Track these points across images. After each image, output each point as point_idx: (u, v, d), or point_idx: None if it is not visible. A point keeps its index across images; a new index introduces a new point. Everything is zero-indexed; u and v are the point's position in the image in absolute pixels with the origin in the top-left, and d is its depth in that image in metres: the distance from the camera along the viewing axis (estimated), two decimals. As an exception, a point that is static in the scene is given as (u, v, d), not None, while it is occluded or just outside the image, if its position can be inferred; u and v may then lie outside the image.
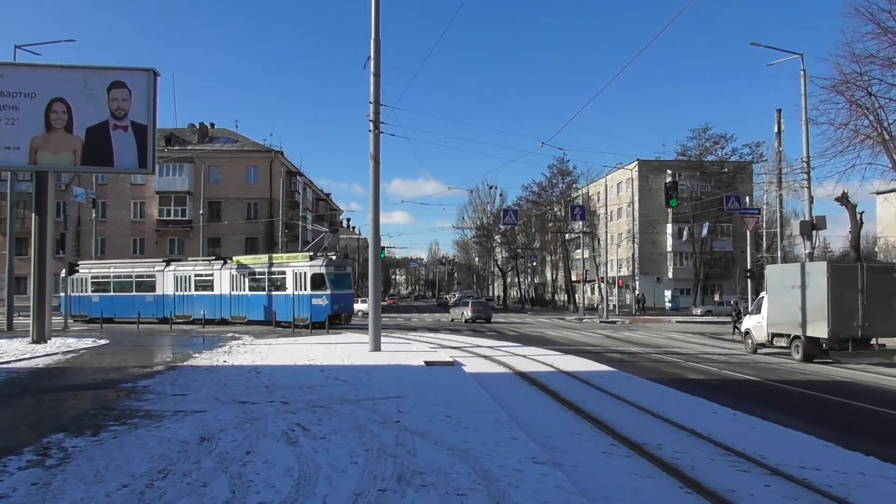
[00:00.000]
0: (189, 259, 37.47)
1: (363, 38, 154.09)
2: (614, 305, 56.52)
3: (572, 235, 65.18)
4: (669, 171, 58.07)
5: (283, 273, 31.63)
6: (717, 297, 56.15)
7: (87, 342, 21.53)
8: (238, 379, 12.74)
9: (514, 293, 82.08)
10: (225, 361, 15.86)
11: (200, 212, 49.63)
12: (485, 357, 17.98)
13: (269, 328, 30.18)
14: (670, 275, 63.07)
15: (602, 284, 53.65)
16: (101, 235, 50.58)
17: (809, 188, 28.90)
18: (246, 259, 34.58)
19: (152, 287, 35.99)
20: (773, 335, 21.05)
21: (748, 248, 34.97)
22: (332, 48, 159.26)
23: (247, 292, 33.02)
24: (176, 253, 54.58)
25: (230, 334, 25.69)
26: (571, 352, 20.09)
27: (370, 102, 18.66)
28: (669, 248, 63.53)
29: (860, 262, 28.41)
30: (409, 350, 18.90)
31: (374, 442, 7.52)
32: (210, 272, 34.66)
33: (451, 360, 16.32)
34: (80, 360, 16.68)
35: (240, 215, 55.04)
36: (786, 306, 20.23)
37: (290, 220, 54.40)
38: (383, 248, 43.82)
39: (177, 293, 35.15)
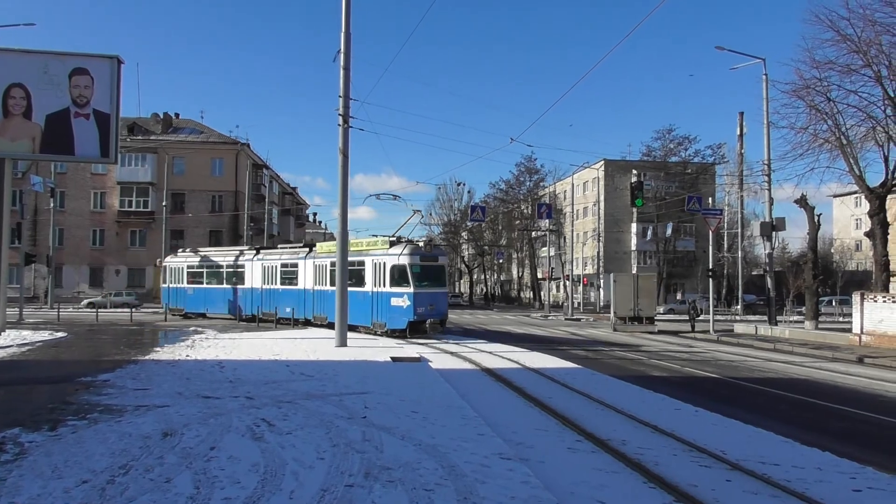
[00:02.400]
0: (278, 246, 32.37)
1: (333, 30, 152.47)
2: (579, 303, 57.11)
3: (539, 233, 65.62)
4: (635, 171, 58.79)
5: (362, 263, 24.53)
6: (679, 296, 57.08)
7: (44, 335, 21.01)
8: (202, 374, 12.55)
9: (480, 290, 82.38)
10: (188, 356, 15.61)
11: (164, 203, 48.70)
12: (451, 353, 18.01)
13: (243, 323, 29.74)
14: (635, 272, 63.94)
15: (567, 282, 54.16)
16: (59, 226, 49.31)
17: (770, 190, 29.62)
18: (329, 245, 27.18)
19: (241, 279, 31.11)
20: (615, 314, 30.75)
21: (710, 247, 35.56)
22: (301, 41, 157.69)
23: (328, 287, 25.82)
24: (137, 246, 53.52)
25: (192, 328, 25.30)
26: (537, 349, 20.23)
27: (340, 97, 18.53)
28: (634, 247, 64.40)
29: (815, 261, 29.20)
30: (375, 346, 18.83)
31: (340, 437, 7.49)
32: (295, 262, 28.66)
33: (417, 356, 16.31)
34: (36, 354, 16.26)
35: (204, 207, 54.16)
36: (624, 298, 30.54)
37: (255, 213, 53.66)
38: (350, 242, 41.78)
39: (263, 287, 29.74)
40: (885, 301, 22.70)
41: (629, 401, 11.17)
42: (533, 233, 66.85)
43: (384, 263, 23.34)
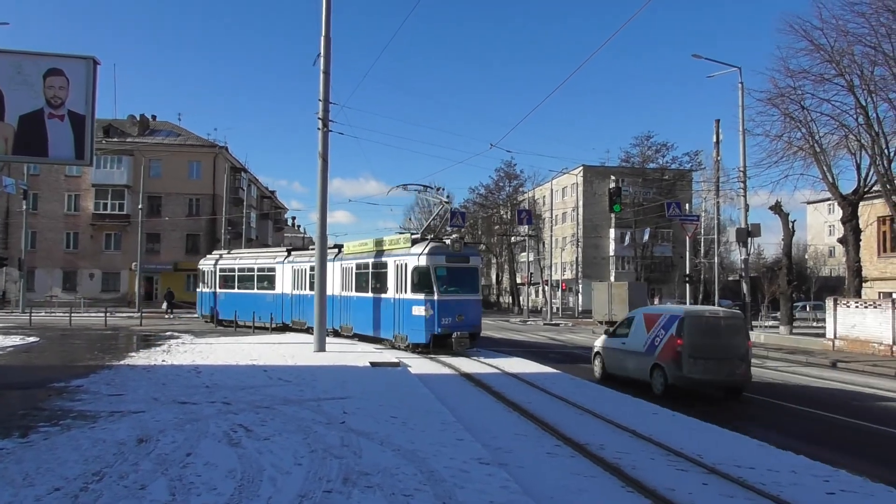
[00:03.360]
0: (310, 248, 28.37)
1: (313, 34, 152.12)
2: (558, 308, 57.36)
3: (518, 238, 65.82)
4: (613, 177, 59.38)
5: (385, 265, 20.74)
6: (656, 301, 57.55)
7: (15, 340, 20.63)
8: (178, 379, 12.40)
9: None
10: (164, 361, 15.42)
11: (139, 206, 47.99)
12: (430, 358, 17.98)
13: (227, 328, 29.40)
14: (612, 278, 64.21)
15: (546, 287, 54.39)
16: (31, 228, 48.42)
17: (745, 196, 30.00)
18: (354, 246, 23.88)
19: (273, 283, 27.82)
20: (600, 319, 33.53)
21: (687, 253, 36.04)
22: (280, 43, 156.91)
23: (353, 293, 22.76)
24: (112, 249, 52.71)
25: (168, 333, 24.99)
26: (516, 353, 20.27)
27: (320, 100, 18.47)
28: (612, 253, 64.85)
29: (790, 267, 29.64)
30: (354, 351, 18.74)
31: (319, 443, 7.44)
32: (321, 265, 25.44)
33: (396, 360, 16.26)
34: (7, 359, 15.96)
35: (181, 211, 53.56)
36: (600, 304, 34.65)
37: (234, 217, 53.20)
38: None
39: (294, 292, 26.27)
40: (857, 306, 23.09)
41: (607, 406, 11.23)
42: (512, 238, 67.04)
43: (405, 265, 19.41)
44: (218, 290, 30.77)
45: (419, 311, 18.71)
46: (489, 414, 10.53)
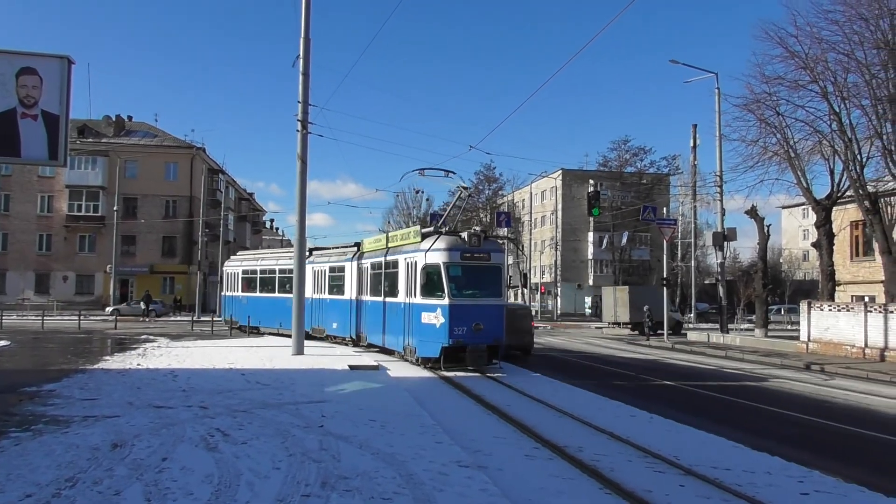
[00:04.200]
0: (330, 247, 26.08)
1: (292, 36, 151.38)
2: (537, 311, 57.60)
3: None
4: (592, 181, 60.00)
5: (396, 265, 18.04)
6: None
7: (-14, 343, 20.23)
8: (153, 383, 12.25)
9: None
10: (139, 365, 15.22)
11: (115, 208, 47.43)
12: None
13: (213, 333, 29.05)
14: (591, 282, 64.74)
15: (525, 290, 54.59)
16: (3, 230, 47.68)
17: (722, 201, 30.39)
18: (370, 243, 21.14)
19: (287, 287, 24.90)
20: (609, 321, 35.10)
21: (664, 256, 36.42)
22: (259, 44, 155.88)
23: (368, 297, 20.09)
24: (86, 251, 51.91)
25: (144, 336, 24.68)
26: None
27: (299, 102, 18.38)
28: (590, 256, 65.25)
29: (765, 271, 30.10)
30: (332, 354, 18.65)
31: (297, 447, 7.39)
32: (342, 265, 22.33)
33: (375, 364, 16.21)
34: (-23, 363, 15.64)
35: (157, 213, 52.94)
36: (608, 307, 35.74)
37: (211, 219, 52.69)
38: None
39: (314, 296, 23.48)
40: (830, 310, 23.46)
41: (586, 408, 11.29)
42: (492, 241, 67.17)
43: (415, 263, 16.67)
44: (240, 293, 28.74)
45: (429, 318, 16.00)
46: (468, 416, 10.53)
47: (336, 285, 22.51)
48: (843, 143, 24.39)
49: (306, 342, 19.16)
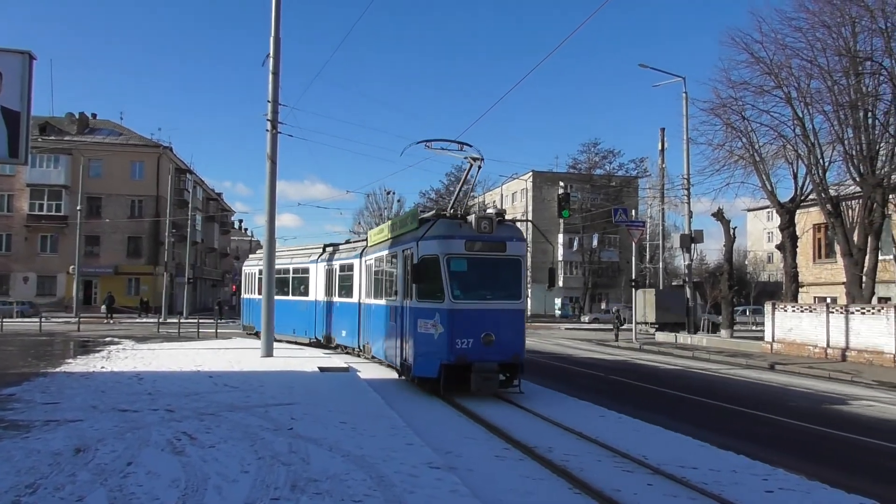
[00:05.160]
0: (344, 243, 23.08)
1: (261, 35, 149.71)
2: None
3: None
4: (562, 183, 60.42)
5: (394, 258, 14.87)
6: (603, 305, 58.60)
7: (-57, 346, 19.66)
8: (118, 386, 12.00)
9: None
10: (103, 367, 14.90)
11: (78, 207, 46.35)
12: (379, 362, 17.89)
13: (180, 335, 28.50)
14: (561, 283, 65.19)
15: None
16: (-39, 230, 46.33)
17: (689, 203, 30.85)
18: (375, 235, 18.32)
19: (307, 288, 22.70)
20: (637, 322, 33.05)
21: (633, 258, 36.80)
22: (228, 42, 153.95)
23: (370, 299, 17.09)
24: (48, 252, 50.71)
25: (108, 339, 24.19)
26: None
27: (268, 101, 18.17)
28: (560, 258, 65.74)
29: (731, 272, 30.64)
30: (302, 356, 18.48)
31: (266, 450, 7.30)
32: (350, 262, 19.29)
33: (345, 365, 16.09)
34: (-67, 366, 15.17)
35: (123, 212, 51.96)
36: (638, 309, 34.03)
37: (178, 219, 51.86)
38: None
39: (326, 299, 21.05)
40: (794, 311, 23.96)
41: (555, 408, 11.37)
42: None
43: (411, 255, 13.22)
44: (256, 296, 25.41)
45: (426, 326, 12.56)
46: (438, 418, 10.53)
47: (345, 286, 19.56)
48: (806, 148, 24.96)
49: (312, 351, 18.75)
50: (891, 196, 23.95)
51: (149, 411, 9.45)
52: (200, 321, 28.05)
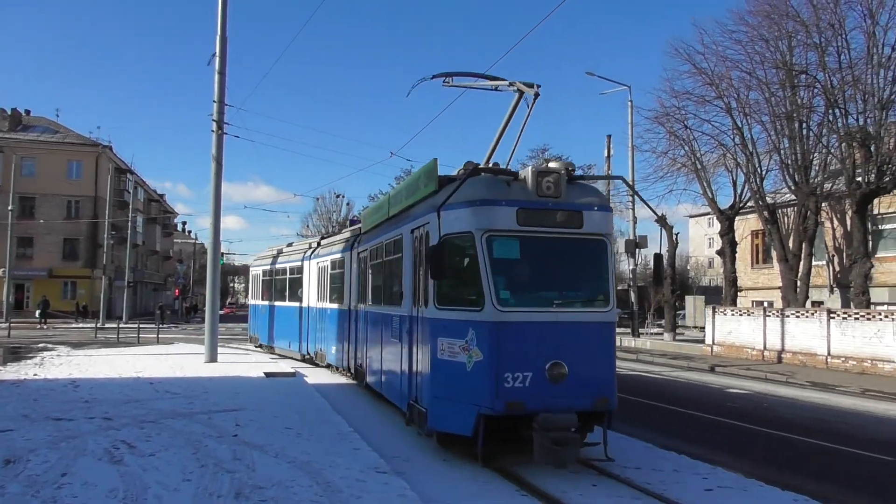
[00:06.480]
0: (336, 234, 20.24)
1: (207, 30, 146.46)
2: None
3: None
4: (511, 188, 60.91)
5: (398, 245, 10.13)
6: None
7: None
8: (52, 394, 11.53)
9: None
10: (35, 375, 14.31)
11: (10, 207, 44.41)
12: (327, 367, 17.69)
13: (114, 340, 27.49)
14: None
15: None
16: None
17: (634, 209, 31.54)
18: (370, 215, 13.85)
19: (298, 292, 18.85)
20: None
21: (580, 263, 37.36)
22: (170, 40, 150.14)
23: (366, 306, 12.61)
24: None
25: (42, 345, 23.25)
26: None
27: (214, 101, 17.82)
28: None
29: (673, 277, 31.41)
30: (248, 361, 18.14)
31: (209, 457, 7.12)
32: (341, 257, 15.24)
33: (292, 371, 15.87)
34: None
35: (58, 214, 49.98)
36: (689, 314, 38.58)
37: (118, 221, 50.23)
38: (222, 254, 38.10)
39: (318, 304, 17.13)
40: (733, 314, 24.74)
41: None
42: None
43: (425, 235, 8.72)
44: (260, 301, 22.90)
45: (451, 349, 7.85)
46: (387, 422, 10.46)
47: (336, 287, 15.59)
48: (744, 157, 25.85)
49: (259, 356, 18.07)
50: (823, 204, 25.03)
51: (85, 420, 9.11)
52: (141, 326, 27.15)
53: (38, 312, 39.49)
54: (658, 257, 9.62)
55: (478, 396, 7.41)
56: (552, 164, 8.45)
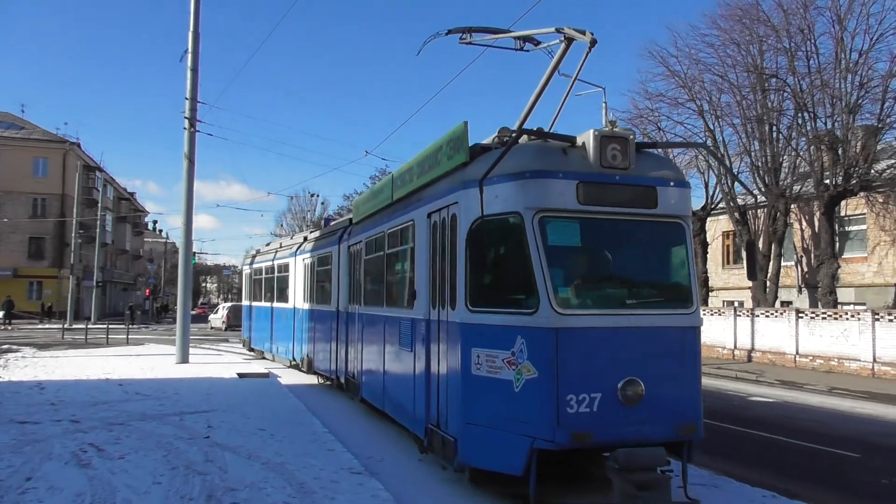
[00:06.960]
0: (324, 226, 18.91)
1: (178, 29, 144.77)
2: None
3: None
4: (485, 189, 61.04)
5: (406, 234, 8.42)
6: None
7: None
8: (16, 396, 11.27)
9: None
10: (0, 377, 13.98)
11: (-26, 206, 43.46)
12: (315, 376, 17.55)
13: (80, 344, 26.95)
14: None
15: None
16: None
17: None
18: (364, 201, 11.79)
19: (286, 291, 17.22)
20: None
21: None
22: (140, 35, 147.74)
23: (360, 308, 10.91)
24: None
25: (6, 346, 22.72)
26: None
27: (186, 98, 17.58)
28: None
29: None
30: (220, 362, 17.93)
31: (180, 459, 7.01)
32: (328, 251, 13.52)
33: (265, 371, 15.72)
34: None
35: (24, 212, 48.92)
36: None
37: (86, 219, 49.30)
38: (194, 253, 37.78)
39: (303, 306, 15.64)
40: (704, 314, 25.04)
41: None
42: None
43: (451, 219, 6.78)
44: (252, 302, 21.31)
45: (490, 364, 6.14)
46: (361, 422, 10.40)
47: (323, 286, 14.04)
48: (716, 159, 26.21)
49: (231, 356, 17.66)
50: (792, 206, 25.48)
51: (51, 422, 8.91)
52: (110, 327, 26.67)
53: (1, 313, 38.52)
54: (751, 245, 7.78)
55: (531, 425, 5.70)
56: (614, 126, 6.52)
